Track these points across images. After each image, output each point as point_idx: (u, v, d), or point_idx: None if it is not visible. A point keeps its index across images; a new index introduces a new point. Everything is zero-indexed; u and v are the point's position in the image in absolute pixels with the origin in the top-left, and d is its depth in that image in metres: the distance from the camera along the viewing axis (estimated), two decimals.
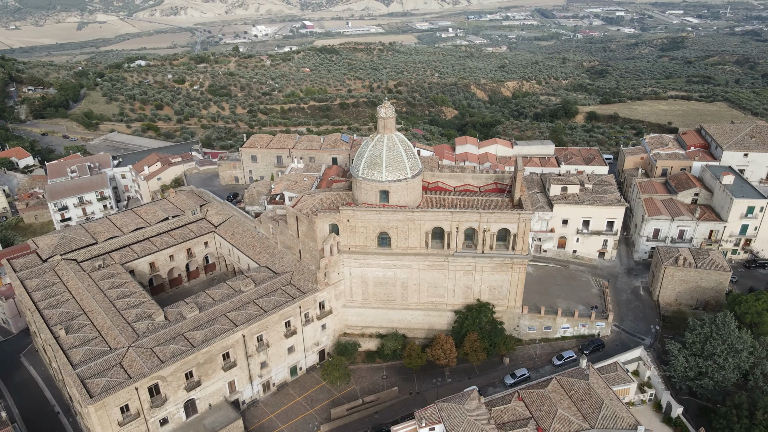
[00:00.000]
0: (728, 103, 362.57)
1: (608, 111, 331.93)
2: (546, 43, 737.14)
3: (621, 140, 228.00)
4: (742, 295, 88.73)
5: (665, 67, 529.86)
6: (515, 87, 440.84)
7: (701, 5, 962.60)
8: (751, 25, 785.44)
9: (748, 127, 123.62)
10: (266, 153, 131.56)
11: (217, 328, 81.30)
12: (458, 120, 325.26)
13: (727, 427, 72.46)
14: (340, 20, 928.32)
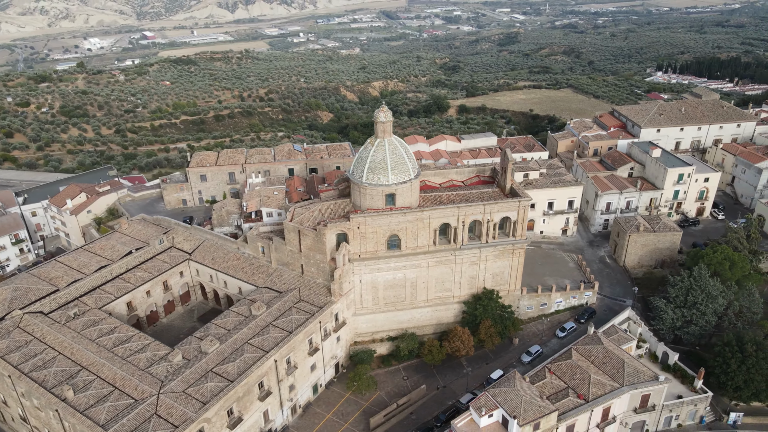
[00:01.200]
0: (572, 89, 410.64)
1: (476, 103, 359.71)
2: (395, 44, 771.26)
3: (504, 128, 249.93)
4: (701, 250, 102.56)
5: (508, 60, 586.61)
6: (381, 87, 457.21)
7: (524, 3, 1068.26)
8: (567, 18, 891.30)
9: (655, 106, 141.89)
10: (217, 171, 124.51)
11: (248, 357, 76.64)
12: (336, 123, 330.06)
13: (723, 363, 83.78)
14: (184, 29, 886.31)
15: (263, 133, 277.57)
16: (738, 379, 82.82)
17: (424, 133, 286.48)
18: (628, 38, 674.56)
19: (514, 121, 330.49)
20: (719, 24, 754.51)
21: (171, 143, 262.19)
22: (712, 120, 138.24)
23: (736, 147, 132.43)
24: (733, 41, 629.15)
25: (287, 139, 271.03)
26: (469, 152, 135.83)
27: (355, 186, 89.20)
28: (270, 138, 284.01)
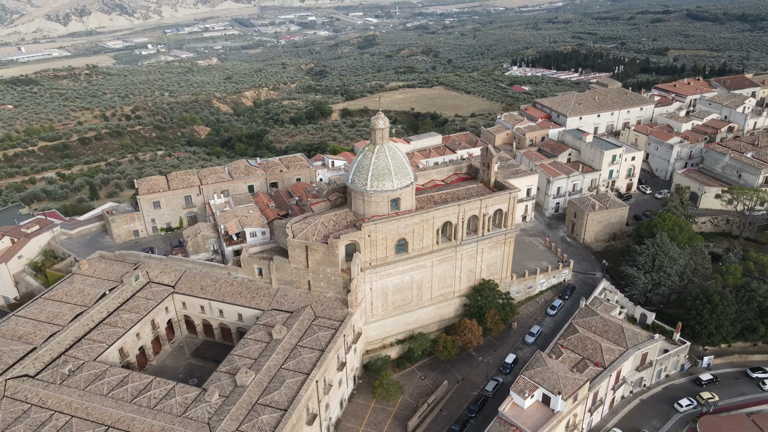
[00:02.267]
0: (443, 86, 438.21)
1: (357, 106, 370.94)
2: (254, 51, 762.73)
3: None
4: (651, 219, 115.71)
5: (372, 63, 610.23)
6: (254, 96, 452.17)
7: (375, 6, 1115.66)
8: (417, 20, 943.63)
9: (573, 97, 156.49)
10: (171, 195, 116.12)
11: (291, 382, 73.63)
12: (215, 136, 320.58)
13: (697, 315, 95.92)
14: (9, 46, 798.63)
15: (141, 154, 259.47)
16: (710, 327, 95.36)
17: (313, 139, 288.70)
18: (476, 37, 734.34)
19: (400, 120, 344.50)
20: (550, 21, 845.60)
21: (35, 173, 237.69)
22: (621, 106, 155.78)
23: (646, 128, 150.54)
24: (565, 36, 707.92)
25: (169, 157, 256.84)
26: (420, 152, 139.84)
27: (358, 194, 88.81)
28: (150, 158, 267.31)
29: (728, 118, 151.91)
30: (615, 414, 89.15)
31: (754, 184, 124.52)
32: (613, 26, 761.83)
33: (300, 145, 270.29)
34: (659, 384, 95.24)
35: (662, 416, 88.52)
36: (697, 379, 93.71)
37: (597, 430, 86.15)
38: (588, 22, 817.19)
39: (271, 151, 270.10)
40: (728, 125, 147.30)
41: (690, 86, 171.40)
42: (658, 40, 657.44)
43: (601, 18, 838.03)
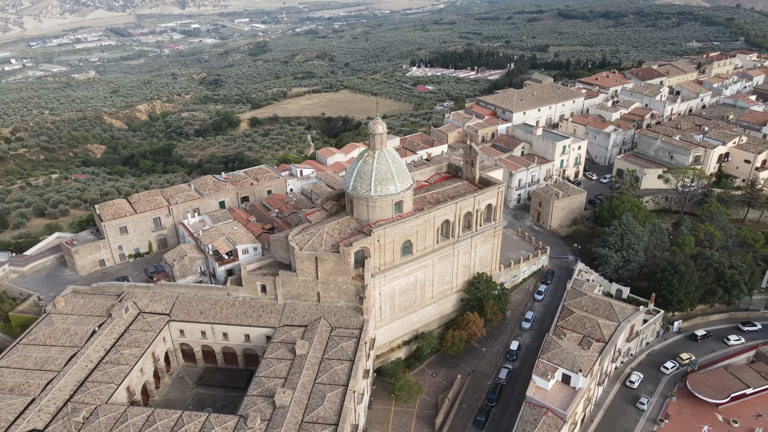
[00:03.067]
0: (349, 90, 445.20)
1: (266, 114, 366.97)
2: (136, 62, 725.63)
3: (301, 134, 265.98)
4: (608, 203, 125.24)
5: (269, 69, 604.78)
6: (148, 109, 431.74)
7: (261, 12, 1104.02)
8: (306, 25, 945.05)
9: (514, 93, 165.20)
10: (140, 219, 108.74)
11: (331, 395, 72.52)
12: (113, 154, 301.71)
13: (669, 284, 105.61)
14: None
15: (33, 179, 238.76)
16: (680, 294, 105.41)
17: (227, 150, 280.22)
18: (368, 39, 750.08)
19: (313, 126, 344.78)
20: (436, 22, 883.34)
21: None
22: (557, 100, 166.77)
23: (582, 118, 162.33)
24: (452, 36, 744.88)
25: (65, 180, 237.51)
26: None
27: (361, 200, 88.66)
28: (44, 182, 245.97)
29: (649, 106, 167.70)
30: (613, 384, 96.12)
31: (685, 163, 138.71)
32: (495, 26, 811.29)
33: (215, 158, 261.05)
34: (642, 352, 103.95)
35: (653, 380, 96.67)
36: (693, 335, 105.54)
37: (602, 401, 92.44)
38: (471, 22, 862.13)
39: (183, 165, 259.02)
40: (650, 112, 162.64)
41: (609, 78, 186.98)
42: (537, 37, 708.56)
43: (483, 18, 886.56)
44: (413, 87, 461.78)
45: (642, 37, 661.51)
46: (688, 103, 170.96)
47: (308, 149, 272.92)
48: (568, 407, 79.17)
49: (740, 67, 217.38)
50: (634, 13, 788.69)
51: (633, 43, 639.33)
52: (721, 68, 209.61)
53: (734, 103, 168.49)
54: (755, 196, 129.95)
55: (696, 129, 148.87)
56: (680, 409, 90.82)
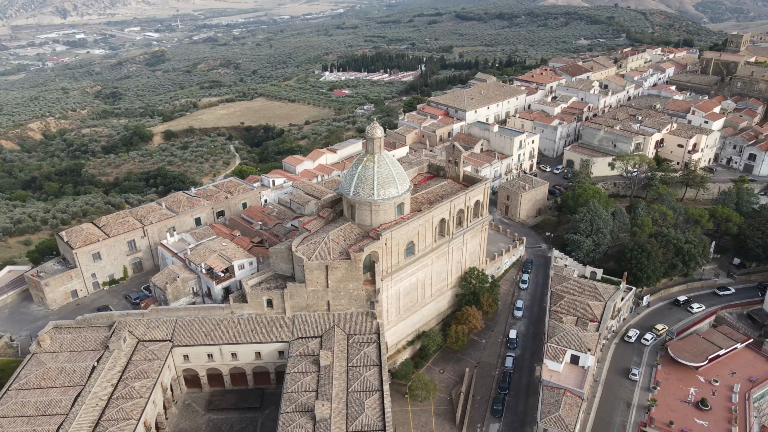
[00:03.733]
0: (264, 97, 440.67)
1: (180, 126, 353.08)
2: (15, 77, 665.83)
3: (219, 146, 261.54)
4: (571, 191, 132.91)
5: (171, 80, 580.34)
6: (42, 127, 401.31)
7: (153, 20, 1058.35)
8: (204, 33, 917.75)
9: (463, 93, 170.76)
10: (113, 243, 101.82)
11: (369, 402, 72.25)
12: (10, 178, 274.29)
13: (638, 262, 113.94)
14: None
15: None
16: (648, 270, 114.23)
17: (144, 167, 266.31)
18: (273, 46, 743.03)
19: (234, 136, 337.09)
20: (339, 27, 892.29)
21: None
22: (502, 97, 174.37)
23: (527, 114, 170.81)
24: (358, 40, 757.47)
25: None
26: (347, 161, 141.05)
27: (364, 205, 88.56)
28: None
29: (584, 100, 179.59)
30: (604, 361, 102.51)
31: (628, 150, 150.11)
32: (397, 29, 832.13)
33: (133, 175, 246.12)
34: (621, 328, 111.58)
35: (637, 352, 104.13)
36: (676, 300, 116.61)
37: (598, 376, 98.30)
38: (374, 26, 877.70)
39: (97, 185, 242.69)
40: (587, 105, 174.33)
41: (544, 76, 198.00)
42: (440, 39, 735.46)
43: (385, 22, 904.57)
44: (330, 92, 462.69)
45: (536, 37, 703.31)
46: (617, 96, 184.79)
47: (233, 160, 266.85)
48: (584, 386, 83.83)
49: (649, 60, 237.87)
50: (525, 14, 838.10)
51: (529, 42, 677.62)
52: (635, 63, 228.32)
53: (658, 94, 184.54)
54: (691, 177, 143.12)
55: (631, 119, 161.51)
56: (667, 376, 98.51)
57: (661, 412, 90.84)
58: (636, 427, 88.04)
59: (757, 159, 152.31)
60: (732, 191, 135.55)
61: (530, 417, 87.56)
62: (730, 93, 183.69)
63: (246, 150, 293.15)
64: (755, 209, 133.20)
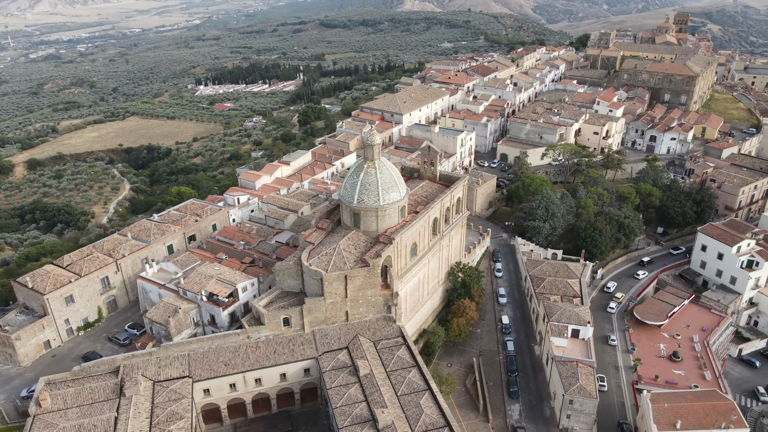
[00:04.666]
0: (138, 116, 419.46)
1: (46, 153, 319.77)
2: None
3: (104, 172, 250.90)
4: (520, 182, 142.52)
5: (16, 103, 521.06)
6: None
7: None
8: (42, 50, 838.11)
9: (395, 97, 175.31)
10: (86, 283, 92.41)
11: (424, 403, 73.47)
12: None
13: (592, 239, 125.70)
14: None
15: None
16: (601, 246, 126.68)
17: (14, 201, 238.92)
18: (129, 61, 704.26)
19: (116, 159, 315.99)
20: (200, 39, 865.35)
21: None
22: (430, 99, 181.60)
23: (456, 113, 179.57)
24: (224, 51, 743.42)
25: None
26: (302, 172, 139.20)
27: (369, 212, 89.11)
28: None
29: (502, 97, 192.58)
30: None
31: (553, 141, 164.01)
32: (262, 39, 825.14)
33: (2, 212, 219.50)
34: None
35: (606, 320, 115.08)
36: (641, 261, 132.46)
37: None
38: (237, 37, 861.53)
39: None
40: (506, 102, 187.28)
41: (458, 77, 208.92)
42: (309, 47, 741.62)
43: (248, 32, 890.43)
44: (211, 106, 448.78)
45: (402, 41, 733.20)
46: (527, 92, 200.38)
47: (122, 184, 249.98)
48: (591, 355, 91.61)
49: (539, 59, 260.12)
50: (388, 20, 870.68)
51: (397, 46, 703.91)
52: (528, 61, 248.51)
53: (564, 88, 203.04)
54: (610, 160, 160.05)
55: (549, 112, 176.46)
56: (638, 337, 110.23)
57: (645, 369, 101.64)
58: (630, 387, 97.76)
59: (657, 140, 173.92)
60: (648, 169, 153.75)
61: (544, 392, 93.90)
62: (619, 84, 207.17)
63: (132, 173, 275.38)
64: (667, 183, 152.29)
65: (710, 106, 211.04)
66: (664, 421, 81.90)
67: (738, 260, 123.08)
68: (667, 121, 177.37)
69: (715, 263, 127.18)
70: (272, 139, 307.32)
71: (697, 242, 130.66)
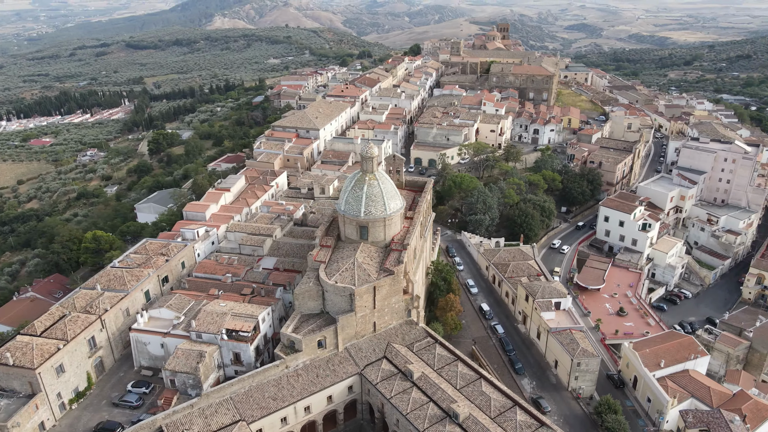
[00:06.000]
0: None
1: None
2: None
3: None
4: (451, 182, 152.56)
5: None
6: None
7: None
8: None
9: (304, 113, 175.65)
10: (74, 348, 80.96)
11: (488, 390, 78.38)
12: None
13: (527, 224, 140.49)
14: None
15: None
16: (535, 229, 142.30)
17: None
18: None
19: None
20: None
21: None
22: (338, 112, 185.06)
23: (363, 124, 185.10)
24: (14, 81, 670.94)
25: None
26: (242, 197, 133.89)
27: (377, 222, 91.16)
28: None
29: (398, 105, 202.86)
30: None
31: (460, 141, 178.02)
32: (59, 64, 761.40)
33: None
34: None
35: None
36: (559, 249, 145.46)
37: None
38: (26, 63, 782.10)
39: None
40: (404, 110, 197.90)
41: (350, 89, 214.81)
42: (121, 71, 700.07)
43: (38, 58, 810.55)
44: (25, 143, 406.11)
45: (226, 60, 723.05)
46: (416, 100, 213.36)
47: None
48: (578, 322, 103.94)
49: (407, 69, 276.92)
50: (203, 39, 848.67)
51: (222, 65, 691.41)
52: (400, 71, 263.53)
53: (450, 93, 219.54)
54: (510, 153, 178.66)
55: (447, 116, 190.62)
56: (588, 301, 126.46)
57: (605, 327, 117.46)
58: (600, 344, 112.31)
59: (539, 132, 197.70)
60: (545, 158, 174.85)
61: (543, 363, 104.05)
62: (490, 86, 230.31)
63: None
64: (560, 169, 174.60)
65: (562, 100, 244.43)
66: (651, 363, 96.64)
67: (636, 224, 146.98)
68: (542, 116, 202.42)
69: (617, 230, 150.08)
70: (126, 171, 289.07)
71: (600, 215, 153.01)
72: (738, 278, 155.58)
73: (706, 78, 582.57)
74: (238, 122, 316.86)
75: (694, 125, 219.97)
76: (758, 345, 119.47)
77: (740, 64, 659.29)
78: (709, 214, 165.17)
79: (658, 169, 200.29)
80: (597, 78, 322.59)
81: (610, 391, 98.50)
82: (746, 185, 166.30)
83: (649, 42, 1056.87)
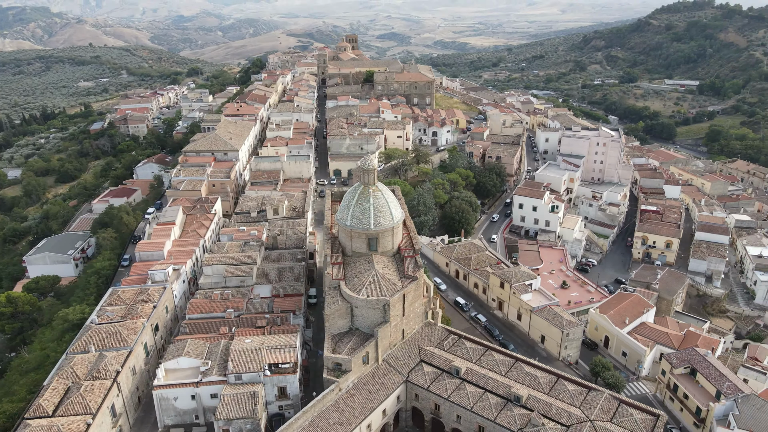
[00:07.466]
0: None
1: None
2: None
3: None
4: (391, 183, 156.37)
5: None
6: None
7: None
8: None
9: (218, 135, 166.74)
10: (101, 421, 70.42)
11: (529, 368, 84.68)
12: None
13: (465, 220, 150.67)
14: None
15: None
16: (472, 223, 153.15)
17: None
18: None
19: None
20: None
21: None
22: (246, 132, 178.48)
23: (276, 140, 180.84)
24: None
25: None
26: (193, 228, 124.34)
27: (386, 232, 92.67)
28: None
29: (299, 120, 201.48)
30: None
31: (373, 149, 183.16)
32: None
33: None
34: None
35: None
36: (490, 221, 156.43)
37: None
38: None
39: None
40: (307, 123, 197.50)
41: (245, 108, 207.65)
42: None
43: None
44: None
45: (23, 86, 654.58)
46: (309, 114, 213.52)
47: None
48: (552, 298, 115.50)
49: (285, 84, 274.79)
50: None
51: (21, 92, 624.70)
52: (280, 85, 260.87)
53: (347, 104, 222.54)
54: (421, 156, 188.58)
55: (353, 126, 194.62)
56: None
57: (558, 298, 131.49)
58: None
59: (438, 134, 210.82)
60: (456, 157, 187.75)
61: (529, 341, 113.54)
62: (376, 95, 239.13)
63: None
64: (468, 166, 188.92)
65: (440, 103, 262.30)
66: (618, 321, 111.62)
67: (547, 208, 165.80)
68: (436, 119, 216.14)
69: (532, 215, 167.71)
70: None
71: (515, 203, 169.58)
72: (626, 242, 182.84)
73: (514, 77, 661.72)
74: (81, 153, 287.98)
75: (553, 117, 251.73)
76: (664, 293, 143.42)
77: (537, 63, 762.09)
78: (593, 191, 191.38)
79: (536, 158, 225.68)
80: (449, 82, 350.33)
81: (585, 354, 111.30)
82: (616, 164, 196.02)
83: (452, 47, 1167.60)
